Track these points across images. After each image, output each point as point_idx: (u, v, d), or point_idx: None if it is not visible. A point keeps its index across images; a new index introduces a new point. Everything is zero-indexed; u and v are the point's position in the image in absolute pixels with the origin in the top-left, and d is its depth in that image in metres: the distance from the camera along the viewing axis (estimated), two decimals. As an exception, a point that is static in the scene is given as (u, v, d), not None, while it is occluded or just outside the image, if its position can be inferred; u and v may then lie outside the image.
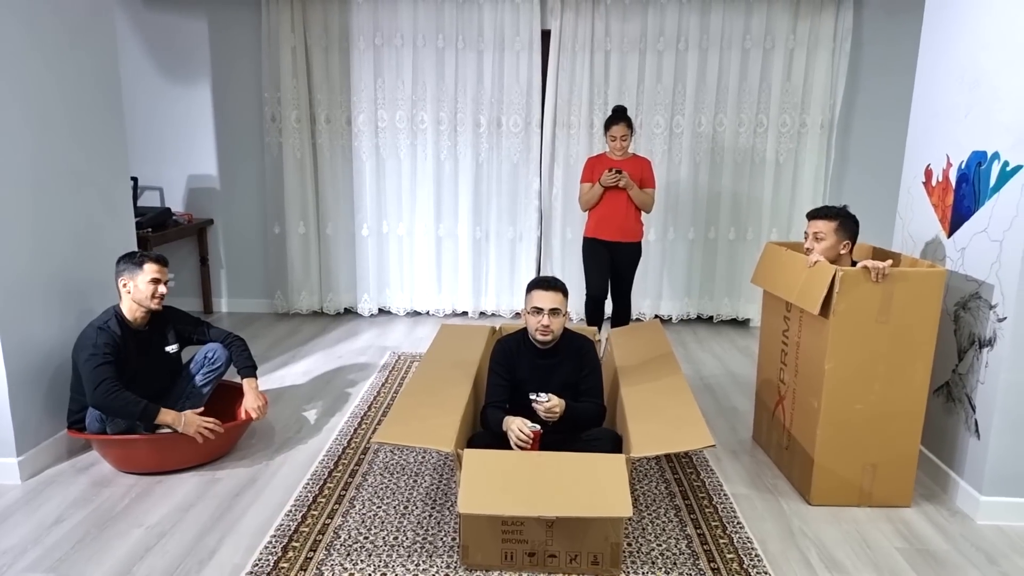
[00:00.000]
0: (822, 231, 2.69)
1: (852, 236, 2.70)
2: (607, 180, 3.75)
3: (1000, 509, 2.51)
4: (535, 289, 2.59)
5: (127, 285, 2.78)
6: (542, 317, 2.54)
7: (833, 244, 2.68)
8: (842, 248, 2.69)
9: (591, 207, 3.90)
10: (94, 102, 3.17)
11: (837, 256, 2.70)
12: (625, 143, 3.81)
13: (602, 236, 3.89)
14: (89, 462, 2.92)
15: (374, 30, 4.73)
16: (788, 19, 4.58)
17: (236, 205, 5.09)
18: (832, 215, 2.69)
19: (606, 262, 3.94)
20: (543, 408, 2.44)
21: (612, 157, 3.87)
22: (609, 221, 3.86)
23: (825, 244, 2.68)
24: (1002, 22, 2.48)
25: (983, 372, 2.52)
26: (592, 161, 3.95)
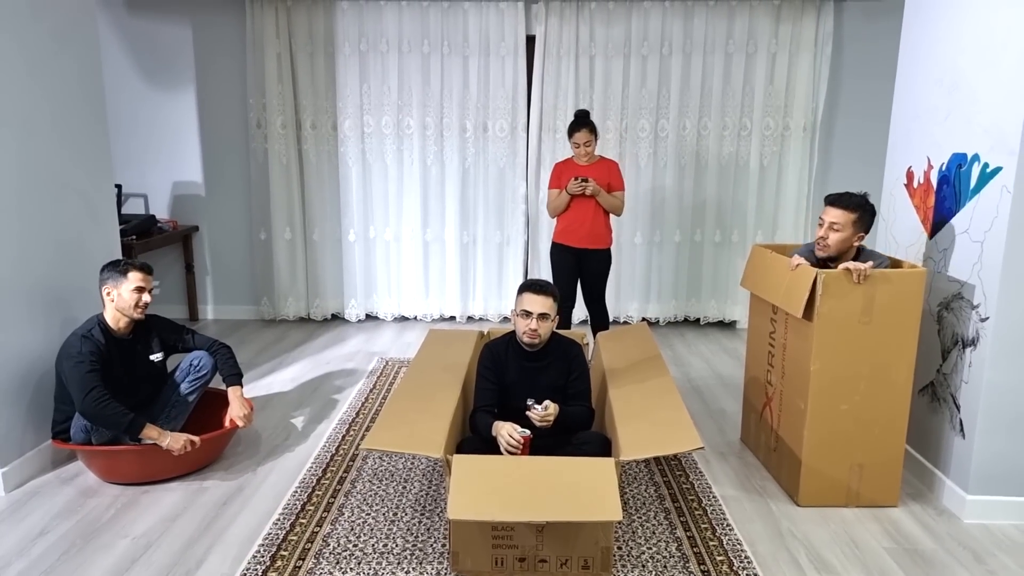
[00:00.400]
0: (839, 222, 2.58)
1: (867, 228, 2.61)
2: (573, 188, 3.70)
3: (986, 507, 2.54)
4: (526, 292, 2.59)
5: (111, 294, 2.76)
6: (530, 321, 2.54)
7: (848, 236, 2.58)
8: (855, 240, 2.60)
9: (559, 213, 3.86)
10: (77, 109, 3.14)
11: (849, 248, 2.61)
12: (590, 148, 3.77)
13: (570, 242, 3.85)
14: (74, 472, 2.89)
15: (359, 35, 4.73)
16: (770, 23, 4.62)
17: (222, 211, 5.06)
18: (853, 206, 2.57)
19: (573, 269, 3.90)
20: (539, 416, 2.43)
21: (578, 162, 3.84)
22: (577, 227, 3.81)
23: (840, 236, 2.58)
24: (979, 26, 2.52)
25: (967, 372, 2.55)
26: (559, 167, 3.92)
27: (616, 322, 5.07)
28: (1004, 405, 2.47)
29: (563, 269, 3.91)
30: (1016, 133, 2.32)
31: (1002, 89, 2.39)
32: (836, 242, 2.59)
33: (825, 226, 2.61)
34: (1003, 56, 2.39)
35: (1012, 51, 2.34)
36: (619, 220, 4.88)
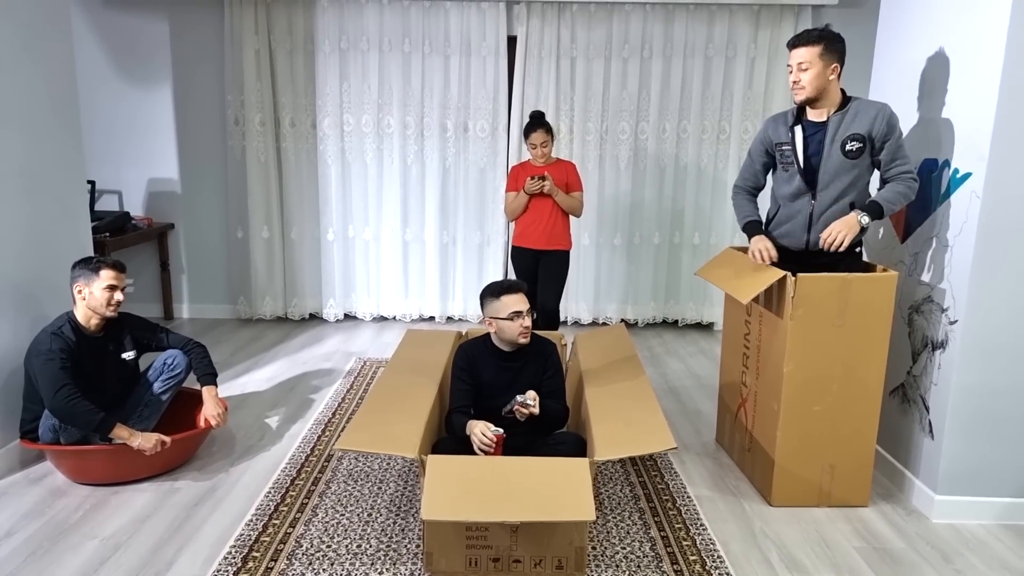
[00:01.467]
0: (805, 60, 2.48)
1: (840, 57, 2.50)
2: (530, 187, 3.68)
3: (954, 508, 2.58)
4: (504, 295, 2.56)
5: (82, 291, 2.72)
6: (523, 319, 2.54)
7: (820, 71, 2.48)
8: (830, 73, 2.50)
9: (517, 216, 3.84)
10: (49, 104, 3.10)
11: (827, 83, 2.51)
12: (546, 149, 3.75)
13: (528, 244, 3.82)
14: (43, 473, 2.84)
15: (339, 33, 4.70)
16: (749, 28, 4.66)
17: (198, 209, 5.00)
18: (814, 39, 2.47)
19: (533, 271, 3.87)
20: (523, 405, 2.42)
21: (535, 164, 3.82)
22: (535, 228, 3.79)
23: (812, 73, 2.48)
24: (950, 33, 2.56)
25: (936, 374, 2.59)
26: (516, 169, 3.91)
27: (595, 323, 5.09)
28: (972, 407, 2.51)
29: (524, 272, 3.89)
30: (986, 139, 2.36)
31: (972, 95, 2.44)
32: (809, 81, 2.50)
33: (794, 70, 2.53)
34: (973, 63, 2.43)
35: (982, 58, 2.39)
36: (598, 221, 4.92)
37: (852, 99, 2.58)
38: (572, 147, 4.81)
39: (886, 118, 2.50)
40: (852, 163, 2.54)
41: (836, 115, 2.56)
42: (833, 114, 2.57)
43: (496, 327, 2.60)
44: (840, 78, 2.56)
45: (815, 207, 2.64)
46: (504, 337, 2.60)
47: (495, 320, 2.59)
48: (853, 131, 2.53)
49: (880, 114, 2.50)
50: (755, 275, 2.65)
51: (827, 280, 2.50)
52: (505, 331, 2.58)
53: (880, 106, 2.53)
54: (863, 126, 2.51)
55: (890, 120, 2.50)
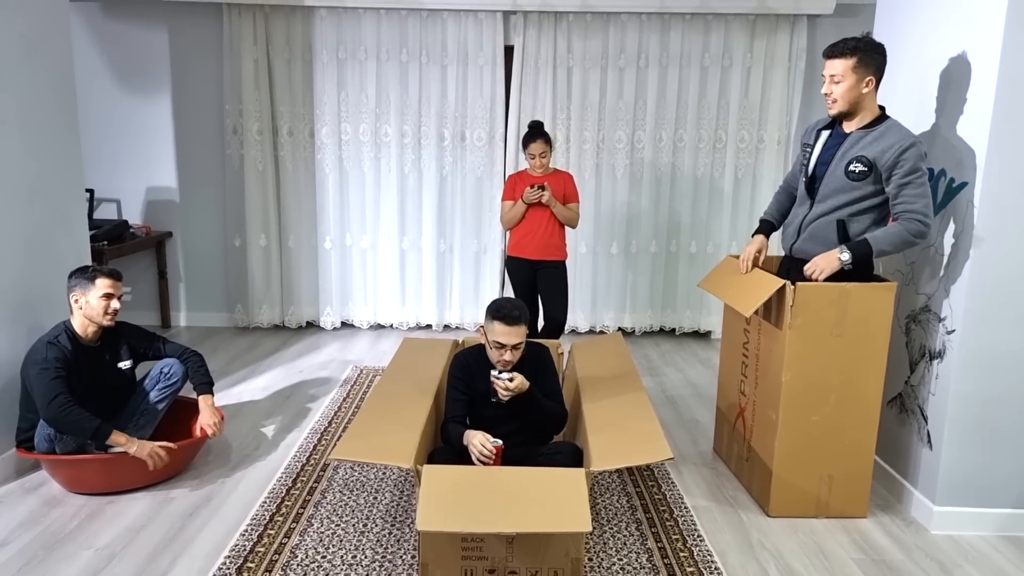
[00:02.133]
0: (838, 72, 2.38)
1: (876, 70, 2.38)
2: (529, 197, 3.67)
3: (953, 519, 2.57)
4: (497, 322, 2.46)
5: (79, 301, 2.71)
6: (505, 352, 2.47)
7: (853, 85, 2.38)
8: (864, 87, 2.38)
9: (514, 225, 3.83)
10: (48, 112, 3.10)
11: (860, 97, 2.41)
12: (545, 159, 3.74)
13: (524, 254, 3.81)
14: (38, 482, 2.83)
15: (337, 43, 4.72)
16: (745, 38, 4.68)
17: (196, 217, 5.00)
18: (849, 50, 2.35)
19: (530, 281, 3.86)
20: (503, 385, 2.41)
21: (533, 174, 3.81)
22: (532, 238, 3.77)
23: (844, 86, 2.38)
24: (945, 43, 2.57)
25: (934, 384, 2.59)
26: (513, 178, 3.90)
27: (592, 332, 5.08)
28: (970, 417, 2.51)
29: (520, 282, 3.88)
30: (981, 149, 2.36)
31: (968, 105, 2.44)
32: (842, 94, 2.40)
33: (827, 81, 2.43)
34: (969, 72, 2.44)
35: (978, 68, 2.39)
36: (596, 230, 4.92)
37: (885, 120, 2.46)
38: (569, 156, 4.82)
39: (899, 151, 2.36)
40: (853, 184, 2.47)
41: (859, 131, 2.48)
42: (858, 130, 2.49)
43: (482, 338, 2.59)
44: (878, 90, 2.46)
45: (808, 216, 2.64)
46: (491, 357, 2.56)
47: (486, 340, 2.57)
48: (861, 153, 2.44)
49: (896, 146, 2.37)
50: (756, 286, 2.65)
51: (826, 289, 2.50)
52: (487, 348, 2.56)
53: (903, 138, 2.38)
54: (873, 151, 2.42)
55: (903, 154, 2.35)
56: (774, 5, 4.54)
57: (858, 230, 2.53)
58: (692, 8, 4.56)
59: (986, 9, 2.36)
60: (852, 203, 2.51)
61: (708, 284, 3.02)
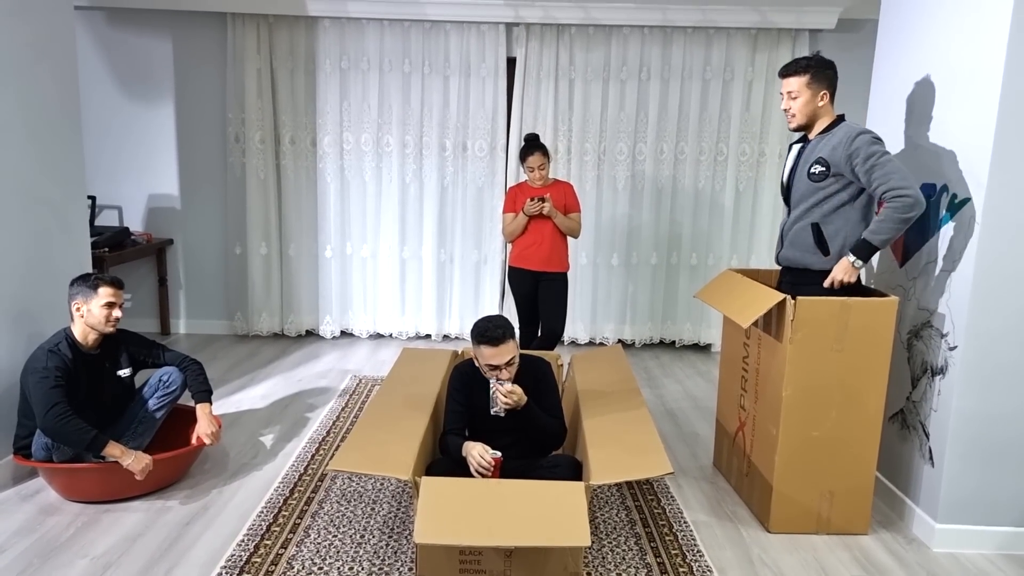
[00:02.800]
0: (794, 89, 2.56)
1: (829, 84, 2.55)
2: (530, 209, 3.67)
3: (955, 537, 2.55)
4: (483, 346, 2.44)
5: (80, 309, 2.70)
6: (500, 372, 2.46)
7: (808, 99, 2.55)
8: (820, 100, 2.55)
9: (516, 237, 3.82)
10: (52, 119, 3.11)
11: (816, 109, 2.57)
12: (544, 171, 3.74)
13: (528, 265, 3.80)
14: (35, 489, 2.81)
15: (340, 53, 4.73)
16: (747, 52, 4.70)
17: (197, 225, 5.00)
18: (801, 68, 2.54)
19: (533, 292, 3.86)
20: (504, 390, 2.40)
21: (533, 186, 3.81)
22: (536, 250, 3.77)
23: (800, 101, 2.55)
24: (948, 59, 2.58)
25: (936, 400, 2.58)
26: (513, 190, 3.90)
27: (592, 343, 5.08)
28: (972, 434, 2.50)
29: (522, 293, 3.88)
30: (984, 165, 2.36)
31: (970, 121, 2.45)
32: (799, 108, 2.56)
33: (785, 98, 2.60)
34: (971, 89, 2.44)
35: (980, 83, 2.40)
36: (596, 241, 4.92)
37: (840, 124, 2.58)
38: (570, 168, 4.83)
39: (848, 142, 2.46)
40: (816, 186, 2.57)
41: (818, 136, 2.61)
42: (817, 135, 2.62)
43: (475, 359, 2.57)
44: (833, 102, 2.59)
45: (786, 224, 2.73)
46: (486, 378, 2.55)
47: (476, 360, 2.55)
48: (818, 154, 2.57)
49: (845, 139, 2.47)
50: (754, 298, 2.65)
51: (826, 304, 2.50)
52: (486, 375, 2.52)
53: (849, 130, 2.49)
54: (826, 150, 2.54)
55: (852, 144, 2.45)
56: (776, 20, 4.56)
57: (833, 231, 2.58)
58: (694, 22, 4.58)
59: (989, 25, 2.36)
60: (819, 204, 2.59)
61: (705, 295, 3.01)
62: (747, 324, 2.60)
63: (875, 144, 2.45)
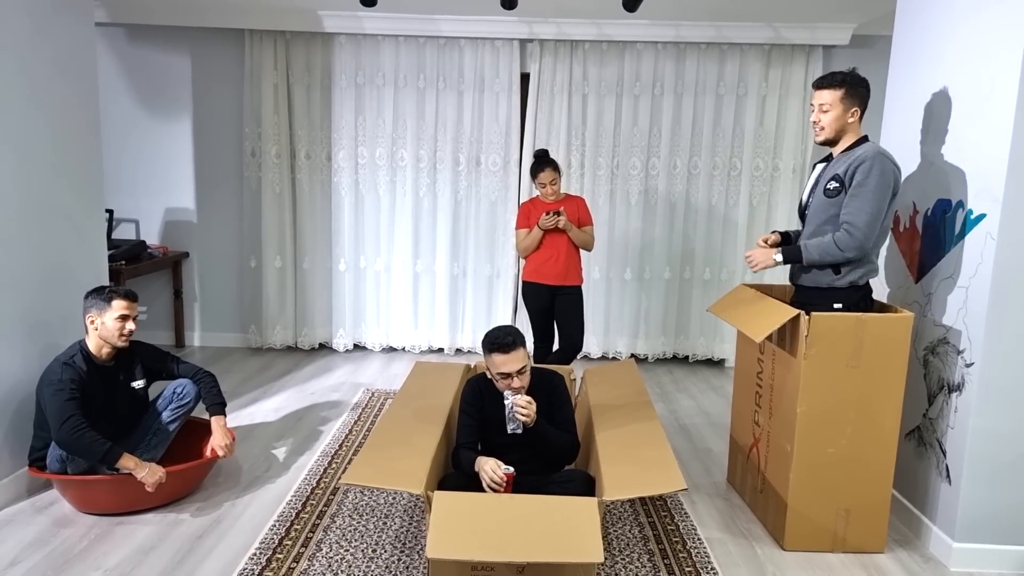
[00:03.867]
0: (827, 102, 2.54)
1: (861, 102, 2.54)
2: (546, 223, 3.68)
3: (973, 556, 2.51)
4: (495, 354, 2.46)
5: (95, 322, 2.73)
6: (512, 380, 2.47)
7: (839, 114, 2.53)
8: (850, 116, 2.54)
9: (531, 252, 3.82)
10: (74, 134, 3.16)
11: (845, 126, 2.55)
12: (555, 187, 3.76)
13: (545, 280, 3.80)
14: (49, 501, 2.83)
15: (356, 69, 4.79)
16: (760, 67, 4.71)
17: (213, 238, 5.05)
18: (837, 83, 2.52)
19: (549, 307, 3.86)
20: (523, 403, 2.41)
21: (545, 201, 3.82)
22: (552, 264, 3.78)
23: (831, 115, 2.54)
24: (963, 75, 2.57)
25: (953, 417, 2.55)
26: (526, 206, 3.91)
27: (604, 358, 5.06)
28: (990, 452, 2.46)
29: (539, 307, 3.88)
30: (999, 180, 2.35)
31: (985, 137, 2.43)
32: (829, 122, 2.55)
33: (815, 110, 2.58)
34: (986, 105, 2.43)
35: (995, 100, 2.39)
36: (609, 255, 4.92)
37: (863, 143, 2.57)
38: (583, 182, 4.84)
39: (860, 164, 2.47)
40: (830, 203, 2.57)
41: (841, 154, 2.61)
42: (840, 152, 2.61)
43: (487, 371, 2.58)
44: (861, 121, 2.58)
45: (799, 241, 2.71)
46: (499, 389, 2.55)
47: (488, 372, 2.56)
48: (835, 171, 2.57)
49: (859, 159, 2.48)
50: (768, 313, 2.64)
51: (841, 319, 2.48)
52: (499, 386, 2.54)
53: (865, 152, 2.49)
54: (843, 167, 2.54)
55: (859, 167, 2.46)
56: (789, 36, 4.57)
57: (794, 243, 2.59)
58: (708, 38, 4.60)
59: (1004, 41, 2.36)
60: (831, 220, 2.58)
61: (719, 309, 3.00)
62: (761, 339, 2.59)
63: (872, 175, 2.44)
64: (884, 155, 2.48)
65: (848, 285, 2.56)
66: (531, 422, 2.45)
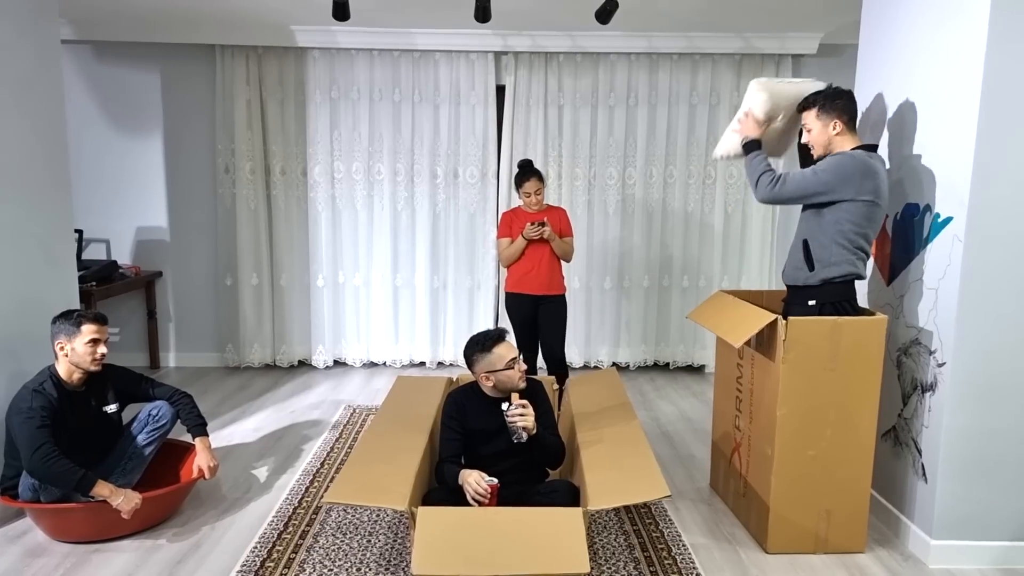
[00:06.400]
0: (807, 123, 2.66)
1: (840, 113, 2.59)
2: (530, 233, 3.70)
3: (950, 553, 2.55)
4: (496, 346, 2.56)
5: (64, 347, 2.67)
6: (520, 363, 2.58)
7: (820, 130, 2.62)
8: (832, 129, 2.60)
9: (513, 262, 3.84)
10: (39, 153, 3.11)
11: (831, 138, 2.61)
12: (540, 196, 3.79)
13: (529, 290, 3.81)
14: (22, 530, 2.76)
15: (330, 84, 4.78)
16: (732, 77, 4.78)
17: (187, 257, 4.99)
18: (810, 104, 2.64)
19: (533, 317, 3.87)
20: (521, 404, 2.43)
21: (527, 211, 3.84)
22: (535, 275, 3.79)
23: (814, 133, 2.64)
24: (927, 80, 2.63)
25: (927, 416, 2.59)
26: (508, 216, 3.92)
27: (586, 367, 5.07)
28: (964, 449, 2.51)
29: (522, 318, 3.88)
30: (965, 184, 2.40)
31: (950, 141, 2.49)
32: (814, 140, 2.65)
33: (804, 133, 2.69)
34: (951, 109, 2.49)
35: (959, 104, 2.45)
36: (588, 265, 4.95)
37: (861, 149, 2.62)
38: (561, 192, 4.87)
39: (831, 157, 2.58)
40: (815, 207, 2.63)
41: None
42: None
43: (494, 380, 2.57)
44: (854, 130, 2.64)
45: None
46: (505, 387, 2.56)
47: (492, 373, 2.56)
48: None
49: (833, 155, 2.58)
50: (746, 318, 2.67)
51: (817, 323, 2.52)
52: (505, 381, 2.55)
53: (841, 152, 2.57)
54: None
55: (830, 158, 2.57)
56: (759, 45, 4.65)
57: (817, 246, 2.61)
58: (679, 49, 4.66)
59: (966, 48, 2.42)
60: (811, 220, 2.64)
61: (698, 316, 3.03)
62: (739, 344, 2.62)
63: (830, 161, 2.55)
64: (854, 155, 2.54)
65: (821, 282, 2.60)
66: (532, 427, 2.45)
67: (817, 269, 2.60)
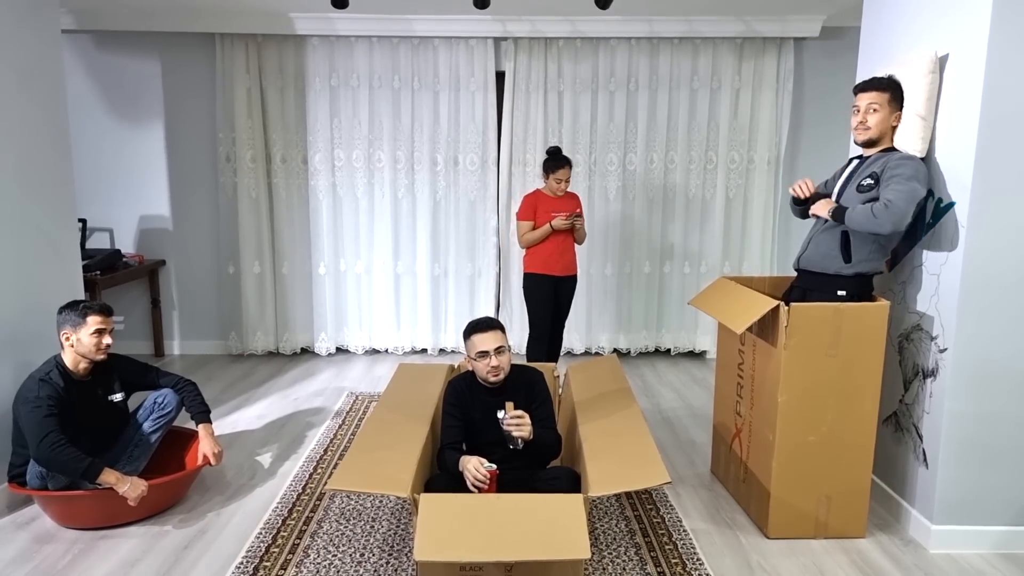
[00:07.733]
0: (876, 102, 2.58)
1: (900, 107, 2.60)
2: (562, 224, 3.81)
3: (951, 537, 2.56)
4: (474, 334, 2.58)
5: (70, 338, 2.69)
6: (490, 359, 2.54)
7: (886, 116, 2.59)
8: (894, 120, 2.60)
9: (534, 245, 3.92)
10: (41, 144, 3.11)
11: (888, 129, 2.60)
12: (568, 184, 3.92)
13: (552, 271, 3.91)
14: (30, 517, 2.80)
15: (330, 71, 4.76)
16: (733, 61, 4.74)
17: (189, 245, 5.00)
18: (884, 85, 2.59)
19: (551, 298, 3.97)
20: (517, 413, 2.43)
21: (548, 194, 3.92)
22: (559, 256, 3.92)
23: (880, 115, 2.58)
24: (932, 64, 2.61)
25: (928, 402, 2.60)
26: (531, 199, 3.95)
27: (587, 353, 5.09)
28: (965, 435, 2.51)
29: (543, 299, 3.95)
30: (968, 169, 2.39)
31: (953, 126, 2.48)
32: (877, 123, 2.59)
33: (862, 109, 2.61)
34: (953, 94, 2.48)
35: (962, 89, 2.43)
36: (589, 251, 4.95)
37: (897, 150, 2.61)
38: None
39: (898, 161, 2.51)
40: (860, 196, 2.59)
41: (877, 154, 2.64)
42: (876, 152, 2.65)
43: (472, 366, 2.62)
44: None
45: (817, 229, 2.76)
46: (478, 376, 2.61)
47: (470, 359, 2.61)
48: (872, 169, 2.60)
49: (897, 157, 2.54)
50: (748, 304, 2.67)
51: (819, 309, 2.52)
52: (477, 371, 2.60)
53: (905, 154, 2.55)
54: (880, 167, 2.56)
55: (898, 160, 2.52)
56: (761, 29, 4.61)
57: (860, 240, 2.59)
58: (680, 33, 4.62)
59: (968, 33, 2.40)
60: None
61: (700, 302, 3.03)
62: (741, 330, 2.62)
63: (909, 166, 2.48)
64: (920, 162, 2.53)
65: (855, 274, 2.61)
66: (528, 435, 2.46)
67: (854, 262, 2.60)
